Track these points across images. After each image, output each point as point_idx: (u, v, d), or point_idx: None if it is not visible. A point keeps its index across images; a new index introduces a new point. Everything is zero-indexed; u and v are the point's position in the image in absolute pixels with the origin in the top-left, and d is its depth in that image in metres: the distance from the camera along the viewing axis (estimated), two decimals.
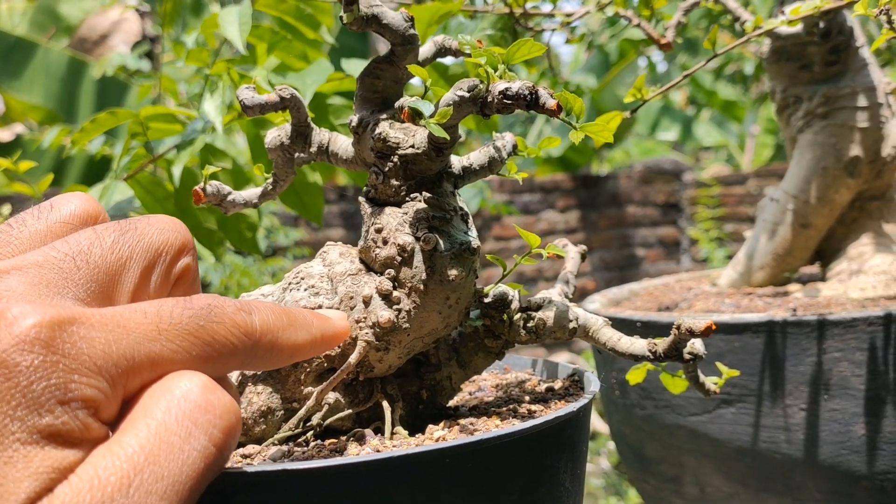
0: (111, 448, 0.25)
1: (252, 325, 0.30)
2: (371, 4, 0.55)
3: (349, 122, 0.60)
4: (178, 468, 0.25)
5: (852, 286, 0.96)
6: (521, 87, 0.49)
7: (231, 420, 0.27)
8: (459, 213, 0.58)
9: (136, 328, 0.27)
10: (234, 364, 0.30)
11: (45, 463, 0.24)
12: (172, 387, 0.26)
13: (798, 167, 1.05)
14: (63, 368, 0.24)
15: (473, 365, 0.63)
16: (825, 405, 0.80)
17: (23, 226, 0.31)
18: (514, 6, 0.97)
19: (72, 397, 0.24)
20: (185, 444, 0.25)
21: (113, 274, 0.30)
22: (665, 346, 0.59)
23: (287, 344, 0.32)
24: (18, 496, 0.23)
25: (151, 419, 0.26)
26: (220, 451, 0.26)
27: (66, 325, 0.25)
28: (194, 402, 0.26)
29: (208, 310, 0.29)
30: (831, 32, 0.98)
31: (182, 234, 0.33)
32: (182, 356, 0.27)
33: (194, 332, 0.28)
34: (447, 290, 0.56)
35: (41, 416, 0.24)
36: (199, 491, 0.26)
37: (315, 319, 0.35)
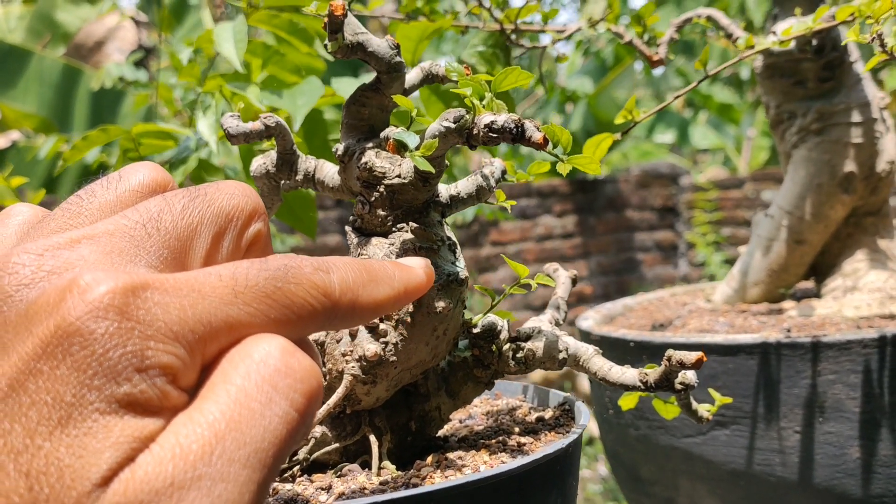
0: (192, 416, 0.24)
1: (331, 285, 0.28)
2: (356, 32, 0.54)
3: (335, 151, 0.59)
4: (260, 435, 0.24)
5: (847, 304, 0.95)
6: (506, 120, 0.48)
7: (312, 384, 0.26)
8: (447, 244, 0.57)
9: (211, 292, 0.26)
10: (314, 326, 0.28)
11: (126, 432, 0.23)
12: (251, 351, 0.26)
13: (792, 183, 1.04)
14: (139, 335, 0.24)
15: (463, 395, 0.62)
16: (820, 428, 0.80)
17: (92, 196, 0.31)
18: (505, 22, 0.96)
19: (149, 364, 0.24)
20: (267, 409, 0.25)
21: (184, 240, 0.29)
22: (656, 376, 0.59)
23: (368, 302, 0.30)
24: (100, 467, 0.22)
25: (231, 385, 0.25)
26: (301, 416, 0.25)
27: (140, 292, 0.24)
28: (274, 367, 0.25)
29: (285, 270, 0.27)
30: (825, 48, 0.98)
31: (253, 200, 0.32)
32: (260, 319, 0.26)
33: (272, 295, 0.27)
34: (435, 322, 0.56)
35: (119, 385, 0.23)
36: (282, 458, 0.25)
37: (397, 271, 0.33)
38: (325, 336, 0.56)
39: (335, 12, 0.52)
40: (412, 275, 0.34)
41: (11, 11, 4.56)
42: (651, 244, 5.05)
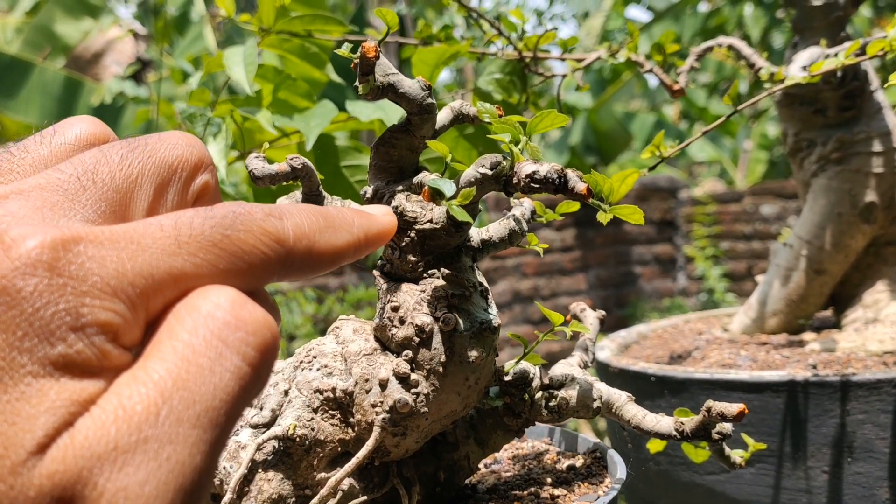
0: (135, 375, 0.22)
1: (284, 232, 0.26)
2: (387, 73, 0.53)
3: (363, 193, 0.57)
4: (210, 392, 0.23)
5: (870, 337, 0.94)
6: (549, 170, 0.47)
7: (266, 336, 0.24)
8: (479, 290, 0.56)
9: (152, 243, 0.24)
10: (268, 275, 0.26)
11: (62, 396, 0.21)
12: (198, 304, 0.24)
13: (812, 212, 1.03)
14: (72, 292, 0.22)
15: (492, 443, 0.60)
16: (848, 468, 0.78)
17: (24, 152, 0.29)
18: (524, 50, 0.95)
19: (85, 322, 0.22)
20: (216, 365, 0.23)
21: (124, 192, 0.27)
22: (693, 425, 0.57)
23: (326, 248, 0.28)
24: (35, 433, 0.21)
25: (177, 341, 0.23)
26: (255, 371, 0.24)
27: (72, 245, 0.22)
28: (222, 320, 0.24)
29: (233, 217, 0.25)
30: (846, 78, 0.97)
31: (198, 150, 0.30)
32: (207, 270, 0.25)
33: (219, 243, 0.25)
34: (467, 372, 0.54)
35: (53, 346, 0.22)
36: (235, 416, 0.23)
37: (356, 217, 0.31)
38: (354, 385, 0.54)
39: (367, 54, 0.51)
40: (373, 221, 0.32)
41: (9, 23, 4.54)
42: (650, 257, 5.04)
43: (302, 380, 0.55)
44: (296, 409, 0.55)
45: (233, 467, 0.53)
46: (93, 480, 0.21)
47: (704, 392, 0.83)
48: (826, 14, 0.97)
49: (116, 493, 0.21)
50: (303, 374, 0.56)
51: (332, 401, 0.54)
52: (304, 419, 0.54)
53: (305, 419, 0.54)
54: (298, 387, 0.55)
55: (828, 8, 0.97)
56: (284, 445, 0.54)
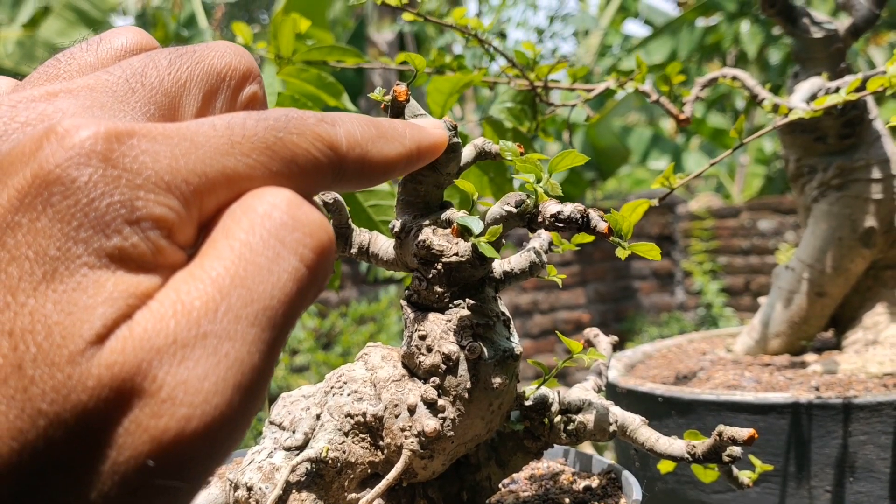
0: (193, 272, 0.22)
1: (336, 137, 0.26)
2: (415, 114, 0.56)
3: (391, 227, 0.60)
4: (268, 291, 0.22)
5: (870, 359, 0.97)
6: (573, 210, 0.50)
7: (323, 238, 0.24)
8: (502, 319, 0.59)
9: (205, 142, 0.23)
10: (321, 182, 0.26)
11: (120, 288, 0.21)
12: (254, 204, 0.23)
13: (813, 237, 1.06)
14: (126, 184, 0.21)
15: (512, 464, 0.63)
16: (850, 487, 0.81)
17: (71, 59, 0.28)
18: (535, 80, 0.98)
19: (140, 216, 0.21)
20: (274, 264, 0.23)
21: (172, 96, 0.27)
22: (704, 448, 0.60)
23: (378, 158, 0.28)
24: (93, 323, 0.20)
25: (234, 240, 0.23)
26: (312, 272, 0.23)
27: (126, 138, 0.22)
28: (279, 220, 0.23)
29: (286, 121, 0.25)
30: (846, 107, 1.00)
31: (246, 59, 0.29)
32: (261, 172, 0.24)
33: (272, 146, 0.24)
34: (491, 397, 0.57)
35: (108, 238, 0.21)
36: (293, 317, 0.23)
37: (408, 129, 0.30)
38: (384, 410, 0.57)
39: (399, 98, 0.54)
40: (424, 133, 0.31)
41: (9, 37, 4.57)
42: (648, 272, 5.07)
43: (333, 404, 0.58)
44: (328, 432, 0.57)
45: (268, 488, 0.56)
46: (152, 373, 0.20)
47: (711, 413, 0.86)
48: (826, 46, 1.01)
49: (176, 386, 0.20)
50: (334, 398, 0.59)
51: (363, 425, 0.57)
52: (335, 442, 0.57)
53: (337, 442, 0.57)
54: (330, 411, 0.58)
55: (827, 40, 1.00)
56: (317, 467, 0.57)
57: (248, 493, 0.56)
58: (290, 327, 0.23)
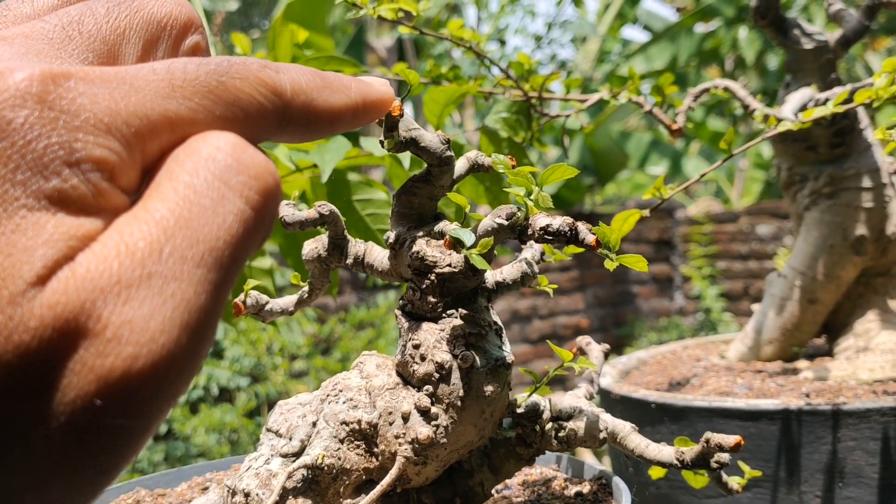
0: (137, 214, 0.22)
1: (281, 83, 0.26)
2: (409, 128, 0.57)
3: (386, 238, 0.61)
4: (213, 232, 0.22)
5: (861, 366, 0.98)
6: (561, 224, 0.51)
7: (268, 180, 0.24)
8: (494, 328, 0.60)
9: (145, 85, 0.23)
10: (266, 128, 0.26)
11: (60, 230, 0.21)
12: (199, 147, 0.23)
13: (805, 244, 1.08)
14: (64, 126, 0.21)
15: (505, 471, 0.64)
16: (840, 493, 0.82)
17: (6, 10, 0.28)
18: (529, 91, 0.99)
19: (79, 158, 0.21)
20: (219, 206, 0.22)
21: (111, 44, 0.26)
22: (693, 455, 0.61)
23: (324, 106, 0.27)
24: (33, 264, 0.20)
25: (178, 182, 0.22)
26: (258, 214, 0.23)
27: (62, 80, 0.22)
28: (224, 162, 0.23)
29: (228, 65, 0.25)
30: (836, 116, 1.01)
31: (187, 9, 0.29)
32: (203, 116, 0.24)
33: (214, 90, 0.24)
34: (483, 405, 0.58)
35: (47, 180, 0.21)
36: (240, 259, 0.23)
37: (353, 83, 0.30)
38: (378, 418, 0.58)
39: (393, 113, 0.55)
40: (371, 88, 0.31)
41: None
42: (647, 277, 5.08)
43: (329, 412, 0.59)
44: (323, 439, 0.59)
45: (265, 494, 0.57)
46: (96, 313, 0.20)
47: (703, 419, 0.87)
48: (817, 57, 1.02)
49: (121, 325, 0.20)
50: (329, 406, 0.60)
51: (358, 432, 0.58)
52: (331, 449, 0.58)
53: (332, 449, 0.58)
54: (326, 419, 0.59)
55: (818, 51, 1.02)
56: (313, 474, 0.58)
57: (246, 499, 0.57)
58: (236, 269, 0.23)
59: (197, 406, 2.57)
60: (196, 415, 2.46)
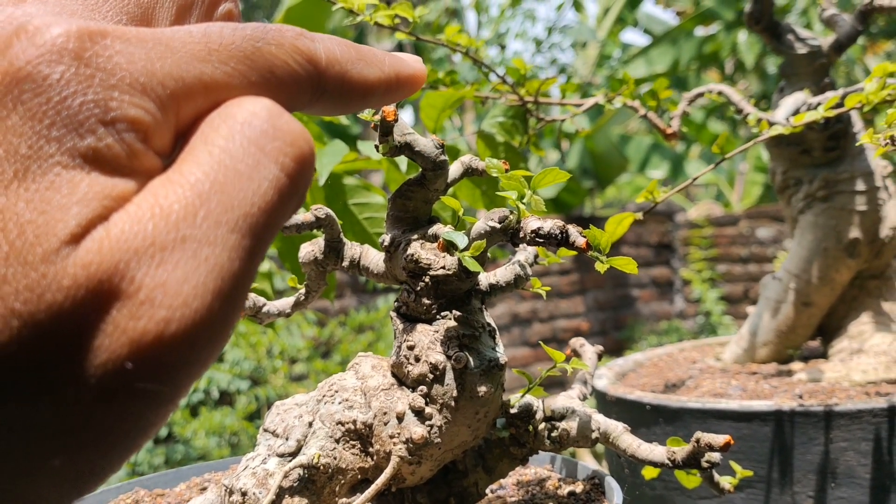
0: (171, 177, 0.21)
1: (316, 52, 0.25)
2: (404, 133, 0.58)
3: (381, 241, 0.62)
4: (248, 198, 0.22)
5: (854, 368, 0.99)
6: (552, 226, 0.52)
7: (303, 148, 0.23)
8: (487, 330, 0.61)
9: (181, 47, 0.23)
10: (301, 96, 0.25)
11: (95, 189, 0.20)
12: (234, 112, 0.23)
13: (799, 247, 1.08)
14: (100, 83, 0.21)
15: (499, 471, 0.65)
16: (832, 493, 0.83)
17: None
18: (525, 95, 1.00)
19: (114, 117, 0.21)
20: (254, 172, 0.22)
21: (145, 7, 0.26)
22: (684, 454, 0.62)
23: (358, 78, 0.27)
24: (67, 222, 0.20)
25: (213, 146, 0.22)
26: (292, 181, 0.23)
27: (99, 38, 0.21)
28: (260, 128, 0.23)
29: (264, 31, 0.24)
30: (830, 120, 1.02)
31: None
32: (239, 81, 0.23)
33: (250, 55, 0.24)
34: (477, 406, 0.59)
35: (82, 138, 0.20)
36: (274, 226, 0.23)
37: (387, 57, 0.30)
38: (374, 418, 0.59)
39: (387, 118, 0.56)
40: (404, 63, 0.30)
41: None
42: (647, 280, 5.09)
43: (325, 412, 0.60)
44: (319, 439, 0.59)
45: (262, 493, 0.58)
46: (130, 274, 0.20)
47: (697, 421, 0.88)
48: (810, 62, 1.03)
49: (154, 288, 0.20)
50: (325, 407, 0.61)
51: (353, 432, 0.59)
52: (327, 449, 0.59)
53: (328, 449, 0.59)
54: (322, 419, 0.60)
55: (811, 56, 1.03)
56: (309, 473, 0.59)
57: (243, 498, 0.58)
58: (270, 236, 0.23)
59: (197, 409, 2.58)
60: (196, 418, 2.46)
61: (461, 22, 4.89)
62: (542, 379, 0.63)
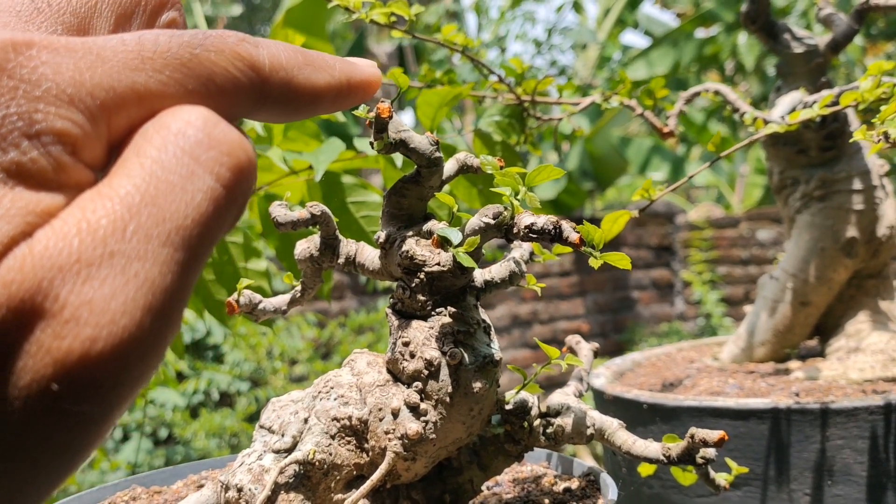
0: (100, 191, 0.21)
1: (259, 57, 0.25)
2: (399, 130, 0.58)
3: (376, 238, 0.62)
4: (181, 210, 0.21)
5: (851, 366, 0.99)
6: (545, 222, 0.52)
7: (241, 158, 0.22)
8: (482, 326, 0.61)
9: (113, 56, 0.22)
10: (242, 104, 0.25)
11: (18, 204, 0.20)
12: (168, 122, 0.22)
13: (797, 247, 1.09)
14: (24, 95, 0.20)
15: (494, 468, 0.65)
16: (829, 490, 0.83)
17: None
18: (522, 95, 1.01)
19: (39, 130, 0.20)
20: (188, 183, 0.21)
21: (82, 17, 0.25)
22: (679, 450, 0.62)
23: (305, 84, 0.26)
24: None
25: (145, 158, 0.21)
26: (229, 192, 0.22)
27: (23, 48, 0.20)
28: (194, 138, 0.22)
29: (203, 38, 0.23)
30: (826, 120, 1.03)
31: None
32: (174, 89, 0.23)
33: (187, 63, 0.23)
34: (471, 402, 0.59)
35: (4, 152, 0.20)
36: (210, 239, 0.22)
37: (338, 62, 0.29)
38: (369, 414, 0.59)
39: (382, 115, 0.56)
40: (356, 68, 0.29)
41: None
42: (647, 282, 5.09)
43: (320, 408, 0.61)
44: (315, 435, 0.60)
45: (258, 489, 0.58)
46: (54, 292, 0.19)
47: (694, 419, 0.88)
48: (807, 61, 1.03)
49: (80, 306, 0.19)
50: (321, 403, 0.61)
51: (348, 428, 0.59)
52: (322, 445, 0.59)
53: (324, 445, 0.59)
54: (317, 415, 0.60)
55: (808, 55, 1.03)
56: (304, 469, 0.59)
57: (239, 494, 0.58)
58: (206, 250, 0.22)
59: (197, 410, 2.58)
60: (196, 419, 2.47)
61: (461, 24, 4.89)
62: (536, 375, 0.63)
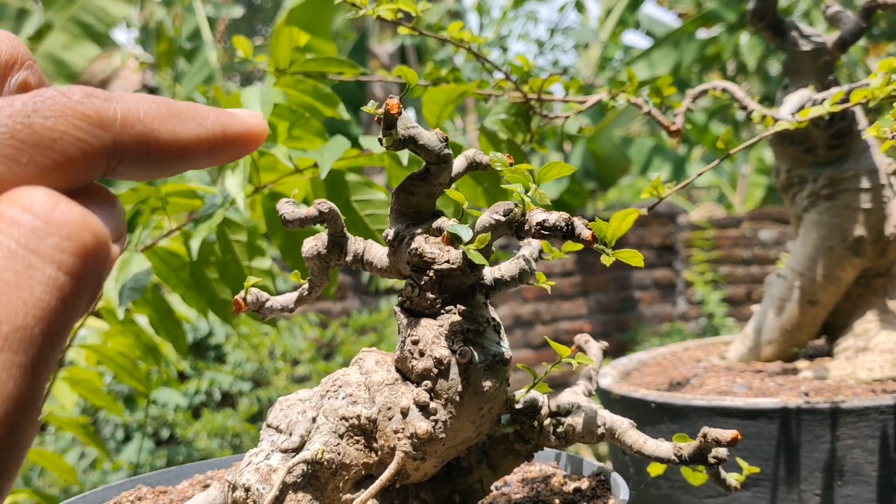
0: None
1: (108, 113, 0.23)
2: (408, 126, 0.57)
3: (385, 235, 0.62)
4: (19, 310, 0.19)
5: (860, 365, 0.98)
6: (557, 219, 0.51)
7: (85, 238, 0.21)
8: (492, 325, 0.60)
9: None
10: (94, 167, 0.23)
11: None
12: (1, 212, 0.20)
13: (804, 246, 1.08)
14: None
15: (503, 467, 0.65)
16: (839, 491, 0.82)
17: None
18: (529, 93, 1.00)
19: None
20: (24, 279, 0.20)
21: None
22: (690, 450, 0.61)
23: (169, 138, 0.24)
24: None
25: None
26: (76, 278, 0.21)
27: None
28: (30, 227, 0.20)
29: (34, 104, 0.21)
30: (834, 118, 1.02)
31: (10, 44, 0.26)
32: (10, 169, 0.21)
33: (17, 134, 0.21)
34: (481, 401, 0.58)
35: None
36: (58, 333, 0.20)
37: (213, 112, 0.27)
38: (378, 413, 0.59)
39: (391, 111, 0.56)
40: (234, 119, 0.27)
41: None
42: (649, 282, 5.08)
43: (329, 408, 0.60)
44: (323, 434, 0.59)
45: (265, 489, 0.58)
46: None
47: (702, 418, 0.88)
48: (814, 59, 1.03)
49: None
50: (329, 402, 0.60)
51: (357, 427, 0.59)
52: (330, 444, 0.59)
53: (332, 444, 0.59)
54: (325, 414, 0.60)
55: (816, 53, 1.03)
56: (313, 469, 0.58)
57: (246, 494, 0.58)
58: (56, 344, 0.20)
59: (199, 411, 2.58)
60: (198, 419, 2.46)
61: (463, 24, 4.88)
62: (547, 374, 0.63)
